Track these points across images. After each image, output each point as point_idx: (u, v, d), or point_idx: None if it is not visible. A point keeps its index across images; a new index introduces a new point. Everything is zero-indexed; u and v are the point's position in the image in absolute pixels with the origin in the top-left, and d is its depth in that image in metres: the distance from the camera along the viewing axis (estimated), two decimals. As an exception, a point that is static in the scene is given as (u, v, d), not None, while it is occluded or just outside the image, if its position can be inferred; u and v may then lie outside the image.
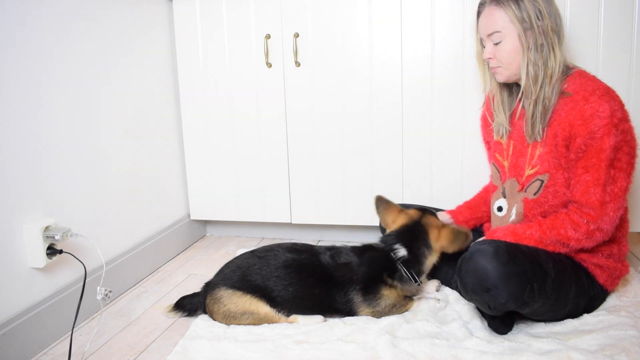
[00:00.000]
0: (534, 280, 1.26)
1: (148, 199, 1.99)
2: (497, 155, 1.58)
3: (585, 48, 1.72)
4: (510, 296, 1.23)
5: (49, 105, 1.49)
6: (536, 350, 1.26)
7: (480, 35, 1.48)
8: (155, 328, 1.52)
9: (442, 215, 1.72)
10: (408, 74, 1.89)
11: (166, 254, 2.06)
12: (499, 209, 1.53)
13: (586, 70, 1.43)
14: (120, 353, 1.39)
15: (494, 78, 1.51)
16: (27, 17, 1.41)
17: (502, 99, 1.53)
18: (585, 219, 1.32)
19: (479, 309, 1.45)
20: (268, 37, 1.99)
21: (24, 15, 1.40)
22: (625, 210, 1.41)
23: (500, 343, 1.30)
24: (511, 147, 1.53)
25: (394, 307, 1.48)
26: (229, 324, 1.47)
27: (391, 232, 1.56)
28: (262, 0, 1.98)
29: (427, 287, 1.62)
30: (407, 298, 1.51)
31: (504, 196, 1.52)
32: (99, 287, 1.47)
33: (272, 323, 1.46)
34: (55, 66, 1.51)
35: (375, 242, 1.57)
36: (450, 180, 1.93)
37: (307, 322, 1.45)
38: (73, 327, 1.41)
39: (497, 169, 1.58)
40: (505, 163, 1.54)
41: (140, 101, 1.93)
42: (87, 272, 1.49)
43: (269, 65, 2.02)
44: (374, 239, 1.62)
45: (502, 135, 1.56)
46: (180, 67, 2.13)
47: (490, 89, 1.55)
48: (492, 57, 1.44)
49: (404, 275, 1.48)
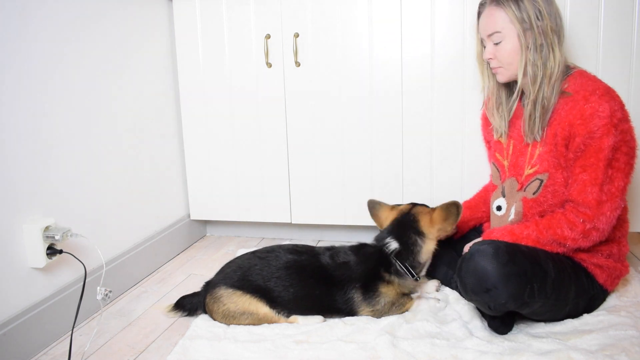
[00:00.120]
0: (533, 281, 1.26)
1: (148, 199, 1.99)
2: (497, 154, 1.58)
3: (585, 48, 1.72)
4: (510, 296, 1.23)
5: (49, 105, 1.49)
6: (536, 350, 1.26)
7: (480, 36, 1.49)
8: (155, 328, 1.52)
9: None
10: (408, 73, 1.89)
11: (166, 254, 2.06)
12: (498, 208, 1.53)
13: (587, 70, 1.43)
14: (120, 353, 1.39)
15: (493, 79, 1.51)
16: (27, 16, 1.41)
17: (501, 100, 1.53)
18: (581, 218, 1.32)
19: (479, 309, 1.45)
20: (268, 37, 1.99)
21: (23, 15, 1.40)
22: (625, 210, 1.41)
23: (500, 343, 1.30)
24: (511, 147, 1.53)
25: (393, 305, 1.48)
26: (228, 324, 1.47)
27: (383, 230, 1.58)
28: (262, 0, 1.98)
29: (427, 287, 1.63)
30: (406, 296, 1.51)
31: (503, 195, 1.52)
32: (99, 287, 1.47)
33: (272, 323, 1.46)
34: (55, 66, 1.51)
35: (370, 241, 1.58)
36: (450, 180, 1.93)
37: (307, 322, 1.46)
38: (73, 327, 1.41)
39: (497, 168, 1.58)
40: (505, 162, 1.54)
41: (140, 101, 1.93)
42: (87, 272, 1.49)
43: (269, 65, 2.02)
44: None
45: (501, 134, 1.56)
46: (180, 67, 2.13)
47: (489, 89, 1.55)
48: (492, 58, 1.44)
49: (400, 270, 1.49)
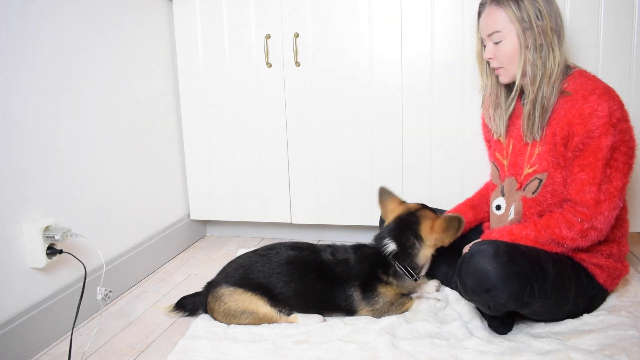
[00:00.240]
0: (534, 281, 1.26)
1: (148, 199, 1.99)
2: (497, 154, 1.58)
3: (585, 48, 1.72)
4: (510, 296, 1.23)
5: (48, 105, 1.49)
6: (536, 350, 1.26)
7: (481, 35, 1.48)
8: (155, 328, 1.52)
9: None
10: (408, 73, 1.89)
11: (166, 254, 2.06)
12: (498, 207, 1.53)
13: (587, 70, 1.43)
14: (120, 353, 1.39)
15: (492, 78, 1.51)
16: (27, 17, 1.41)
17: (499, 100, 1.53)
18: (579, 217, 1.31)
19: (479, 309, 1.45)
20: (268, 37, 1.99)
21: (23, 16, 1.40)
22: (624, 210, 1.41)
23: (500, 343, 1.30)
24: (511, 146, 1.52)
25: (392, 305, 1.48)
26: (229, 323, 1.47)
27: (383, 227, 1.57)
28: (262, 0, 1.98)
29: (427, 287, 1.62)
30: (405, 296, 1.51)
31: (503, 195, 1.52)
32: (99, 287, 1.47)
33: (272, 323, 1.46)
34: (55, 66, 1.51)
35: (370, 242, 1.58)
36: (450, 179, 1.93)
37: (307, 321, 1.45)
38: (73, 327, 1.41)
39: (497, 168, 1.58)
40: (505, 162, 1.54)
41: (140, 101, 1.93)
42: (87, 272, 1.49)
43: (269, 65, 2.02)
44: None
45: (500, 134, 1.56)
46: (180, 67, 2.13)
47: (488, 89, 1.55)
48: (492, 57, 1.44)
49: (398, 271, 1.48)
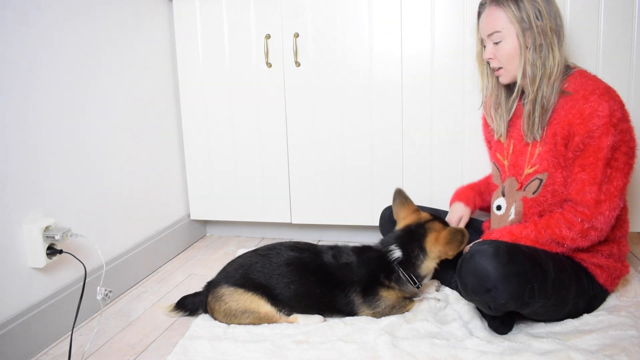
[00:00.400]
0: (534, 281, 1.26)
1: (148, 199, 1.99)
2: (497, 154, 1.58)
3: (585, 48, 1.72)
4: (511, 296, 1.23)
5: (49, 105, 1.49)
6: (536, 350, 1.26)
7: (481, 36, 1.48)
8: (155, 328, 1.52)
9: (458, 208, 1.68)
10: (408, 73, 1.89)
11: (166, 254, 2.06)
12: (498, 207, 1.53)
13: (587, 70, 1.43)
14: (120, 353, 1.39)
15: (493, 79, 1.51)
16: (27, 18, 1.41)
17: (500, 100, 1.53)
18: (579, 217, 1.32)
19: (479, 309, 1.45)
20: (268, 37, 1.99)
21: (24, 16, 1.40)
22: (625, 210, 1.41)
23: (500, 343, 1.30)
24: (511, 146, 1.52)
25: (393, 309, 1.48)
26: (229, 323, 1.47)
27: (391, 233, 1.57)
28: (262, 0, 1.98)
29: (427, 287, 1.62)
30: (407, 299, 1.51)
31: (503, 195, 1.52)
32: (99, 287, 1.47)
33: (272, 323, 1.46)
34: (55, 66, 1.51)
35: (374, 244, 1.57)
36: (450, 179, 1.92)
37: (307, 322, 1.45)
38: (73, 327, 1.41)
39: (498, 168, 1.58)
40: (506, 162, 1.54)
41: (140, 101, 1.93)
42: (87, 272, 1.49)
43: (269, 65, 2.02)
44: (374, 239, 1.61)
45: (500, 135, 1.56)
46: (180, 67, 2.13)
47: (488, 90, 1.55)
48: (492, 57, 1.44)
49: (401, 277, 1.48)
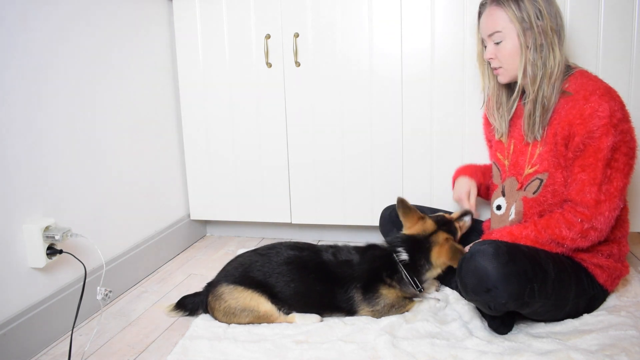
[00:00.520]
0: (534, 281, 1.26)
1: (148, 199, 1.99)
2: (498, 154, 1.58)
3: (585, 48, 1.72)
4: (511, 296, 1.23)
5: (49, 105, 1.49)
6: (536, 350, 1.26)
7: (481, 36, 1.49)
8: (155, 328, 1.52)
9: (464, 181, 1.68)
10: (408, 73, 1.89)
11: (166, 254, 2.06)
12: (498, 207, 1.53)
13: (588, 70, 1.43)
14: (120, 353, 1.39)
15: (493, 79, 1.51)
16: (27, 18, 1.41)
17: (501, 100, 1.53)
18: (579, 217, 1.31)
19: (479, 309, 1.45)
20: (268, 37, 1.99)
21: (25, 17, 1.40)
22: (625, 210, 1.41)
23: (500, 343, 1.30)
24: (512, 146, 1.53)
25: (392, 308, 1.48)
26: (229, 322, 1.47)
27: (399, 235, 1.57)
28: (262, 0, 1.98)
29: (427, 288, 1.62)
30: (406, 299, 1.51)
31: (504, 195, 1.52)
32: (99, 287, 1.47)
33: (272, 322, 1.46)
34: (55, 67, 1.51)
35: (381, 242, 1.57)
36: (450, 179, 1.92)
37: (305, 321, 1.45)
38: (73, 327, 1.41)
39: (498, 168, 1.58)
40: (506, 162, 1.54)
41: (140, 101, 1.93)
42: (87, 272, 1.49)
43: (269, 65, 2.02)
44: (374, 238, 1.62)
45: (502, 134, 1.56)
46: (180, 67, 2.13)
47: (489, 90, 1.55)
48: (493, 57, 1.44)
49: (404, 278, 1.48)
